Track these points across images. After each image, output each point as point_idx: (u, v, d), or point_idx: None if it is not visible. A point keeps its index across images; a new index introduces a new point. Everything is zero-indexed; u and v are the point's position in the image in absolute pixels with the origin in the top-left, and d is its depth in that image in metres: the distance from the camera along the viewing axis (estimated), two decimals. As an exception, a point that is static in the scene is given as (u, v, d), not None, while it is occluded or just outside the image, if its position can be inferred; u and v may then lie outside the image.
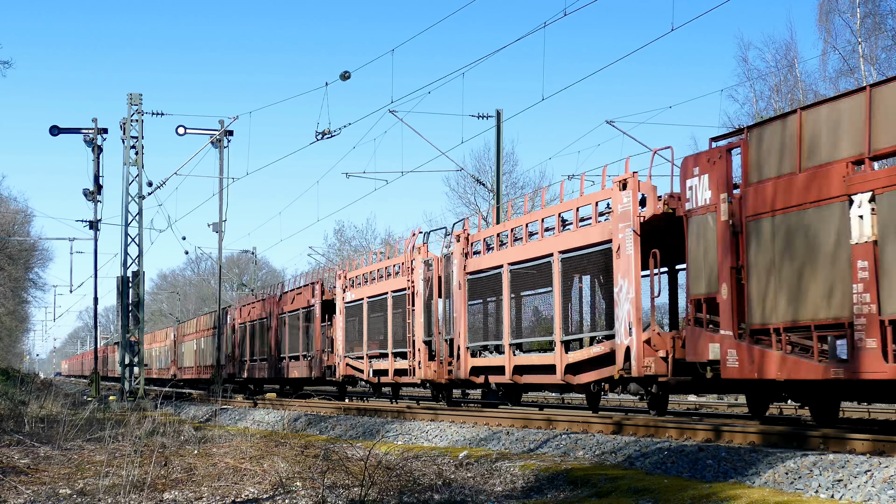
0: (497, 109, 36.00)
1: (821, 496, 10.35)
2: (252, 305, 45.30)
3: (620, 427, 16.37)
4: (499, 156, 36.95)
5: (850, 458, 11.23)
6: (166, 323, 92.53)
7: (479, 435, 17.89)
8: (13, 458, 14.78)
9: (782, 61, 48.88)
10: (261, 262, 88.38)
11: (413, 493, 12.15)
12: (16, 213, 71.46)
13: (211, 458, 14.38)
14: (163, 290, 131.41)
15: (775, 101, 47.84)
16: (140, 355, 39.14)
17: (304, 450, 15.22)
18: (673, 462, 12.91)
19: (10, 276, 72.48)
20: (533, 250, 21.90)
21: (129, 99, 38.83)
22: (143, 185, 39.00)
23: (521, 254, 22.49)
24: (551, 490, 12.44)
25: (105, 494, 11.54)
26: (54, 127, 40.26)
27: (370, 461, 13.15)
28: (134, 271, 39.17)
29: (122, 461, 12.73)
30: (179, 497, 11.69)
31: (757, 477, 11.40)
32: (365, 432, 21.23)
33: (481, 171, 58.48)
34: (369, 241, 78.32)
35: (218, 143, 39.72)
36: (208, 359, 50.05)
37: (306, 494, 11.76)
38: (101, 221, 44.61)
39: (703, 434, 14.66)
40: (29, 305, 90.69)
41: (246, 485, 12.37)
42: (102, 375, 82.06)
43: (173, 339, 61.88)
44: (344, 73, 26.11)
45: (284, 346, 39.06)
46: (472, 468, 14.12)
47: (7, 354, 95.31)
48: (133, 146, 38.76)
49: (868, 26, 42.63)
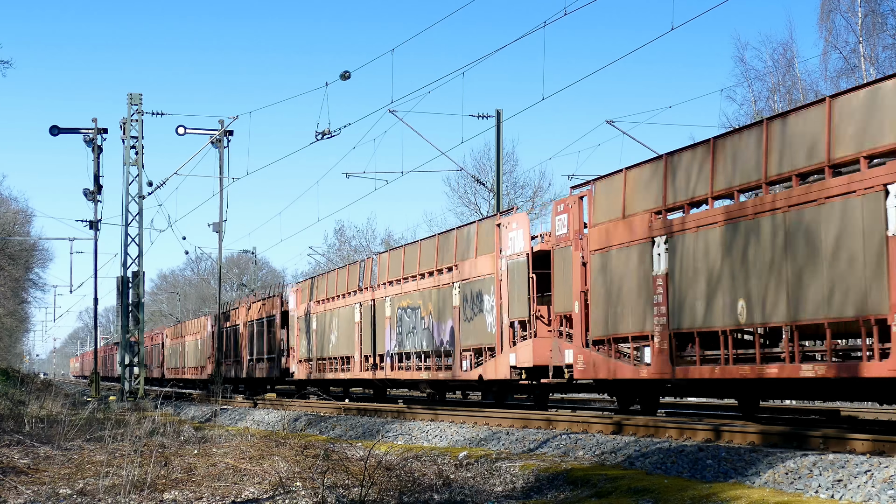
0: (497, 109, 36.02)
1: (821, 496, 10.34)
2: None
3: (620, 427, 16.37)
4: (499, 156, 36.94)
5: (850, 458, 11.22)
6: (167, 322, 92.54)
7: (479, 435, 17.89)
8: (13, 458, 14.77)
9: (780, 61, 48.88)
10: (261, 262, 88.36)
11: (413, 493, 12.15)
12: (16, 213, 71.42)
13: (211, 458, 14.37)
14: (163, 290, 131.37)
15: (774, 101, 47.84)
16: (140, 355, 39.18)
17: (304, 450, 15.21)
18: (673, 462, 12.91)
19: (10, 276, 72.42)
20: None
21: (129, 99, 38.84)
22: (143, 185, 39.05)
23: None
24: (551, 490, 12.44)
25: (105, 494, 11.55)
26: (54, 127, 40.28)
27: (370, 461, 13.14)
28: (134, 271, 39.19)
29: (122, 461, 12.73)
30: (179, 497, 11.69)
31: (757, 477, 11.39)
32: (365, 432, 21.23)
33: (481, 171, 58.48)
34: (369, 240, 78.29)
35: (218, 143, 39.73)
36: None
37: (306, 494, 11.76)
38: (101, 221, 44.64)
39: (703, 434, 14.66)
40: (29, 305, 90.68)
41: (246, 485, 12.37)
42: (105, 375, 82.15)
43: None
44: (344, 73, 26.10)
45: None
46: (472, 468, 14.12)
47: (7, 354, 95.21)
48: (133, 146, 38.78)
49: (869, 25, 42.63)
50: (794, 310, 14.43)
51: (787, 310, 14.54)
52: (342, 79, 26.17)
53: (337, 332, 34.10)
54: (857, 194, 13.40)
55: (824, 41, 44.48)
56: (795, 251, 14.43)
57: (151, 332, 73.66)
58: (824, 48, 44.52)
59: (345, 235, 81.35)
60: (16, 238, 68.20)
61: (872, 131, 13.43)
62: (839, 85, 41.98)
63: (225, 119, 39.88)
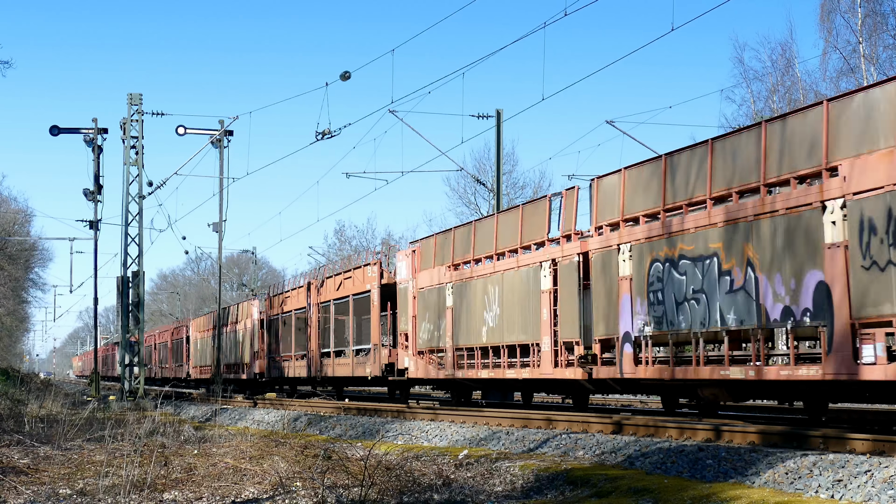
0: (497, 109, 36.02)
1: (821, 496, 10.34)
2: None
3: (620, 427, 16.37)
4: (499, 156, 36.96)
5: (850, 458, 11.22)
6: (167, 322, 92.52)
7: (479, 435, 17.89)
8: (13, 458, 14.77)
9: (779, 61, 48.87)
10: (261, 262, 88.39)
11: (413, 493, 12.15)
12: (16, 213, 71.43)
13: (211, 458, 14.37)
14: (163, 290, 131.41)
15: (772, 102, 47.84)
16: (140, 355, 39.22)
17: (304, 450, 15.21)
18: (673, 462, 12.90)
19: (10, 276, 72.44)
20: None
21: (129, 99, 38.83)
22: (143, 185, 39.04)
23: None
24: (551, 490, 12.44)
25: (105, 494, 11.54)
26: (54, 127, 40.26)
27: (370, 461, 13.14)
28: (134, 271, 39.19)
29: (122, 461, 12.72)
30: (179, 497, 11.69)
31: (757, 477, 11.39)
32: (365, 432, 21.24)
33: (481, 171, 58.53)
34: (369, 240, 78.34)
35: (218, 143, 39.73)
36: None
37: (306, 494, 11.76)
38: (101, 221, 44.63)
39: (703, 434, 14.66)
40: (29, 305, 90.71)
41: (246, 485, 12.37)
42: (106, 375, 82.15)
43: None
44: (344, 73, 26.11)
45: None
46: (472, 468, 14.11)
47: (7, 354, 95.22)
48: (133, 146, 38.78)
49: (869, 26, 42.63)
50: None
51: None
52: (342, 79, 26.19)
53: (498, 307, 23.84)
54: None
55: (824, 41, 44.54)
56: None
57: (183, 320, 65.06)
58: (824, 48, 44.56)
59: (345, 235, 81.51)
60: (16, 238, 68.22)
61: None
62: (839, 85, 42.00)
63: (225, 119, 39.92)
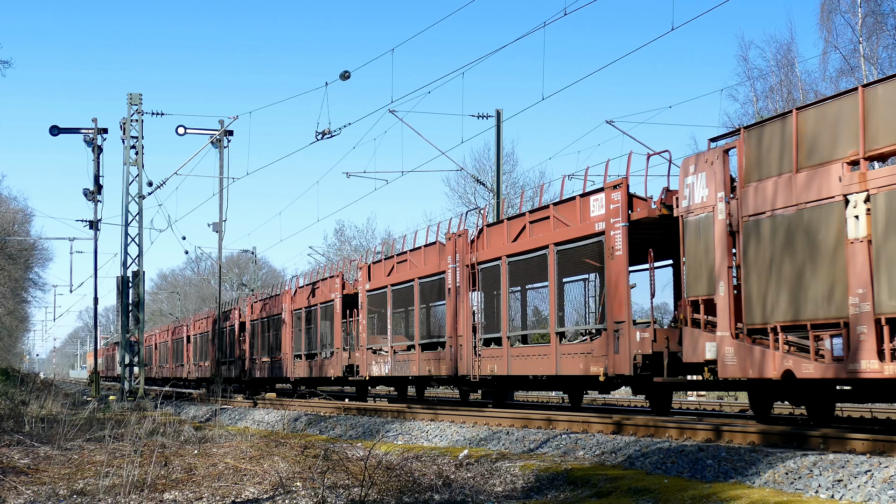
0: (497, 109, 35.98)
1: (821, 496, 10.34)
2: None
3: (620, 427, 16.37)
4: (499, 156, 36.93)
5: (850, 458, 11.22)
6: (167, 322, 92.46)
7: (479, 435, 17.88)
8: (13, 458, 14.77)
9: (783, 61, 48.88)
10: (261, 262, 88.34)
11: (413, 493, 12.14)
12: (16, 213, 71.43)
13: (211, 458, 14.37)
14: (163, 290, 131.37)
15: (774, 101, 47.84)
16: (140, 355, 39.20)
17: (304, 450, 15.22)
18: (673, 462, 12.90)
19: (10, 276, 72.42)
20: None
21: (129, 99, 38.83)
22: (143, 185, 39.03)
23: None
24: (551, 490, 12.44)
25: (105, 494, 11.54)
26: (54, 127, 40.27)
27: (370, 461, 13.14)
28: (134, 271, 39.19)
29: (122, 461, 12.72)
30: (179, 497, 11.68)
31: (757, 477, 11.39)
32: (365, 432, 21.23)
33: (481, 171, 58.51)
34: (369, 240, 78.26)
35: (218, 143, 39.72)
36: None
37: (306, 495, 11.75)
38: (101, 221, 44.62)
39: (703, 434, 14.66)
40: (29, 305, 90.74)
41: (246, 485, 12.36)
42: (106, 375, 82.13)
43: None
44: (344, 73, 26.09)
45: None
46: (472, 468, 14.11)
47: (7, 354, 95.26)
48: (133, 146, 38.77)
49: (869, 26, 42.62)
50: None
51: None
52: (342, 79, 26.17)
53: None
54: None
55: (824, 41, 44.54)
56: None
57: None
58: (824, 48, 44.56)
59: (345, 235, 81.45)
60: (15, 238, 68.21)
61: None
62: (838, 85, 41.98)
63: (225, 119, 39.91)
